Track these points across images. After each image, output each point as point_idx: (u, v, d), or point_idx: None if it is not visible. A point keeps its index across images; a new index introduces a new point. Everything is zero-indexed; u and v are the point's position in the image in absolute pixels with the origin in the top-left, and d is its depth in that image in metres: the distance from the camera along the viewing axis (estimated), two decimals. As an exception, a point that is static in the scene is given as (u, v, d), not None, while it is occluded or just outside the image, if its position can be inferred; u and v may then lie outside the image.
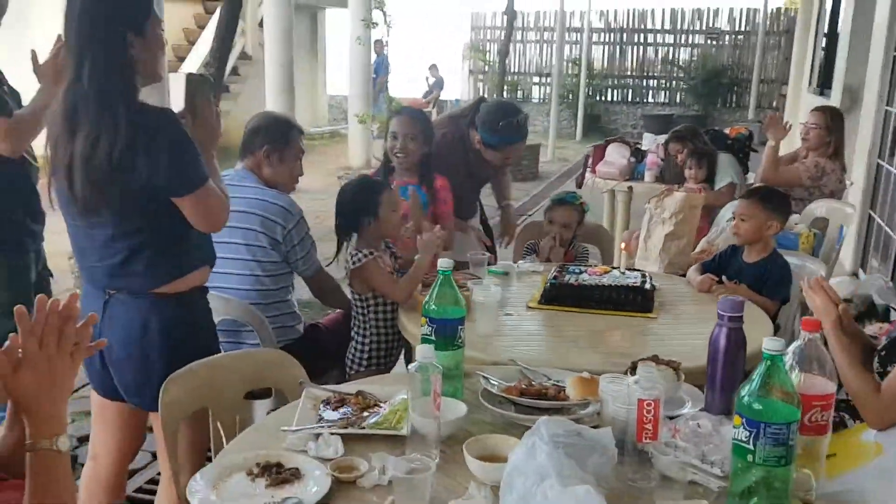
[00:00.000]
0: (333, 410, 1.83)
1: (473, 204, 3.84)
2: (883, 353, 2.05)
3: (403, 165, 3.24)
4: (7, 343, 1.29)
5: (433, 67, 15.59)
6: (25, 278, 2.88)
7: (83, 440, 3.04)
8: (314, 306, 4.68)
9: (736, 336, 1.73)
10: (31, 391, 1.29)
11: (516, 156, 3.55)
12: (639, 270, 2.89)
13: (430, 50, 17.14)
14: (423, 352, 1.66)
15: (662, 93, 15.87)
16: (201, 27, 11.35)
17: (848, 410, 2.14)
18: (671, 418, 1.70)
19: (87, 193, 1.92)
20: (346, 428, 1.73)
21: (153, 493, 2.68)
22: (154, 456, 3.07)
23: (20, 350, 1.29)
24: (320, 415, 1.81)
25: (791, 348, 1.50)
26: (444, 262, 1.88)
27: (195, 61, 9.94)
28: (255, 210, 2.72)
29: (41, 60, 2.65)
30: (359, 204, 2.75)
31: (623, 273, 2.78)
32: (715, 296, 2.70)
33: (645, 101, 15.90)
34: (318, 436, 1.69)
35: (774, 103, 4.79)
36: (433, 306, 1.86)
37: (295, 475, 1.56)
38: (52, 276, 3.14)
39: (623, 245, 3.31)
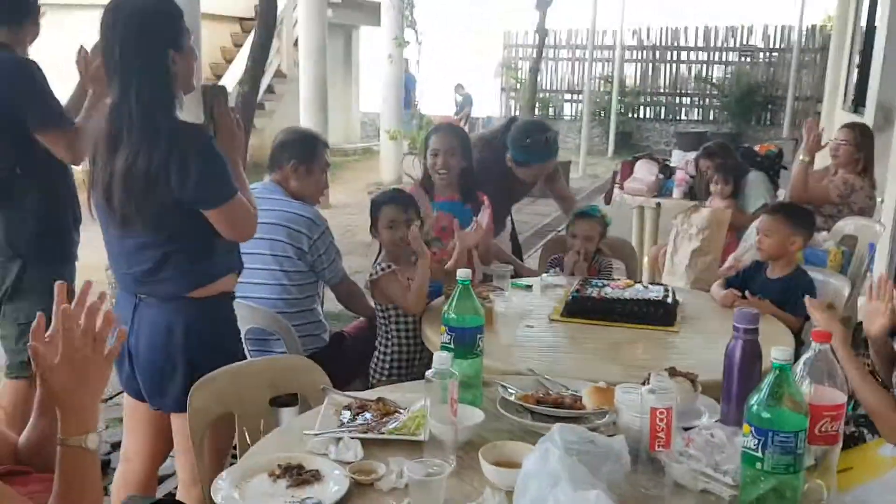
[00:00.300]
0: (354, 416, 1.87)
1: (503, 220, 3.89)
2: (902, 369, 2.05)
3: (445, 181, 3.29)
4: (48, 341, 1.36)
5: (459, 87, 15.70)
6: (70, 287, 2.99)
7: (116, 446, 3.13)
8: (342, 318, 4.75)
9: (751, 348, 1.74)
10: (67, 387, 1.35)
11: (547, 173, 3.60)
12: (662, 285, 2.90)
13: (463, 68, 17.25)
14: (440, 359, 1.70)
15: (695, 110, 15.78)
16: (238, 46, 11.58)
17: (867, 425, 2.14)
18: (686, 429, 1.71)
19: (124, 207, 2.01)
20: (366, 433, 1.77)
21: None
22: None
23: (59, 346, 1.35)
24: (341, 420, 1.86)
25: (802, 359, 1.52)
26: (462, 273, 1.93)
27: (232, 79, 10.13)
28: (282, 222, 2.80)
29: (88, 62, 2.72)
30: (371, 218, 2.85)
31: (646, 287, 2.80)
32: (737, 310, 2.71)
33: (678, 118, 15.82)
34: (338, 440, 1.74)
35: (809, 119, 4.79)
36: (452, 315, 1.90)
37: (315, 476, 1.60)
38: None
39: (649, 260, 3.34)
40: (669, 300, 2.66)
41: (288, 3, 10.91)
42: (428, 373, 1.70)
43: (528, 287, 3.08)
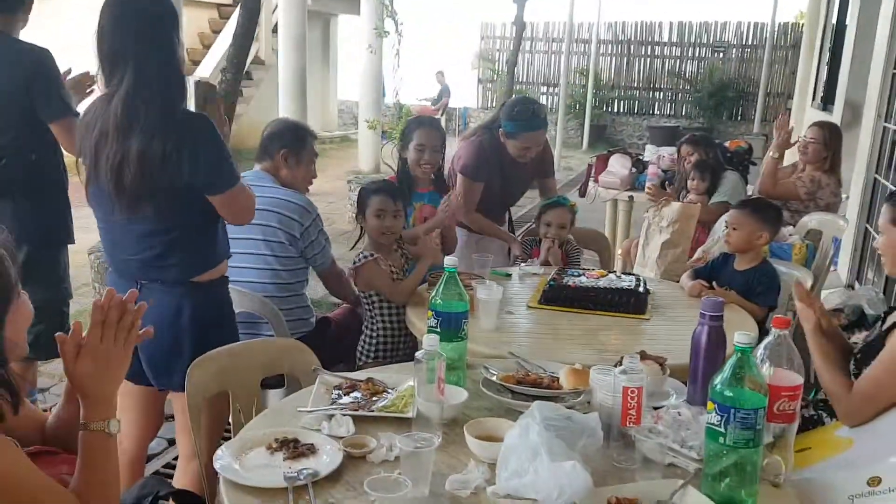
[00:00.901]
0: (345, 395, 1.98)
1: (501, 216, 3.99)
2: (859, 357, 2.20)
3: (428, 175, 3.41)
4: (71, 332, 1.45)
5: (440, 74, 15.77)
6: (67, 272, 3.07)
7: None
8: (322, 304, 4.86)
9: (716, 333, 1.88)
10: (89, 376, 1.45)
11: (536, 145, 3.65)
12: (633, 275, 3.04)
13: (441, 59, 17.30)
14: (428, 341, 1.81)
15: (668, 105, 16.01)
16: (216, 32, 11.55)
17: (825, 409, 2.29)
18: (656, 408, 1.85)
19: (138, 189, 2.08)
20: (357, 410, 1.88)
21: (169, 476, 2.84)
22: (169, 442, 3.24)
23: (83, 338, 1.44)
24: (333, 398, 1.96)
25: (763, 344, 1.65)
26: (449, 261, 2.04)
27: (210, 65, 10.13)
28: (274, 208, 2.89)
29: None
30: (358, 205, 2.96)
31: (619, 277, 2.93)
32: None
33: (651, 112, 16.04)
34: (331, 416, 1.84)
35: (780, 116, 4.94)
36: (439, 301, 2.01)
37: (310, 450, 1.71)
38: None
39: (622, 252, 3.48)
40: (641, 289, 2.79)
41: (267, -11, 10.91)
42: (417, 354, 1.82)
43: (508, 276, 3.20)
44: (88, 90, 2.95)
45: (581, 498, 1.48)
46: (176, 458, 3.13)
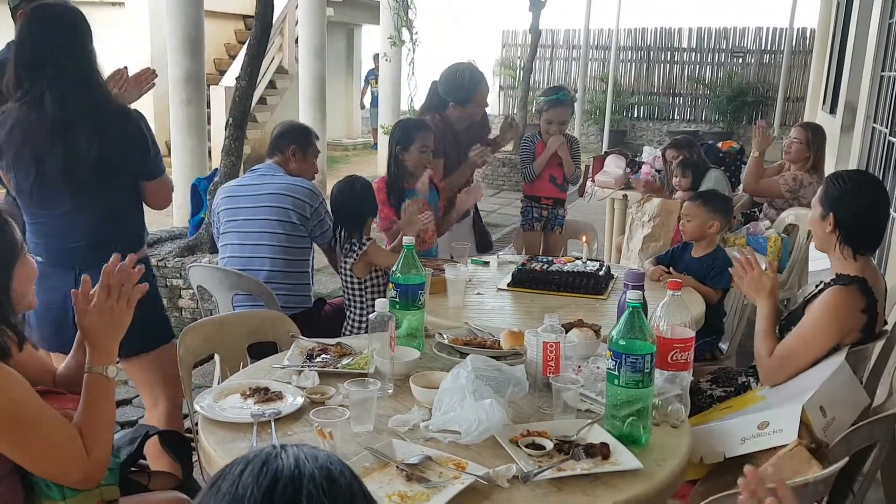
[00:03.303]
0: (316, 356, 2.27)
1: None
2: (783, 323, 2.45)
3: (421, 172, 3.69)
4: (82, 289, 1.75)
5: None
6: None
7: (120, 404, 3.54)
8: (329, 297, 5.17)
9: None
10: (96, 327, 1.75)
11: (484, 100, 3.97)
12: (599, 261, 3.29)
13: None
14: (380, 304, 2.10)
15: (688, 110, 16.13)
16: (242, 42, 11.98)
17: (754, 374, 2.53)
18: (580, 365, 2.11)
19: (85, 178, 2.36)
20: (324, 367, 2.17)
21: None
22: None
23: (93, 295, 1.75)
24: (305, 358, 2.25)
25: (661, 304, 1.91)
26: (406, 240, 2.33)
27: (234, 75, 10.53)
28: (288, 192, 3.28)
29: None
30: (366, 204, 3.23)
31: (584, 263, 3.19)
32: (663, 284, 3.10)
33: (671, 117, 16.18)
34: (300, 372, 2.14)
35: (760, 119, 5.12)
36: (399, 274, 2.30)
37: (278, 396, 2.00)
38: None
39: (615, 247, 3.75)
40: (602, 273, 3.05)
41: (290, 1, 11.31)
42: (371, 316, 2.10)
43: (486, 263, 3.48)
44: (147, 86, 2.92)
45: (497, 430, 1.75)
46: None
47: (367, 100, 14.82)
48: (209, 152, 7.35)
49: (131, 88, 2.80)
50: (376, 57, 14.71)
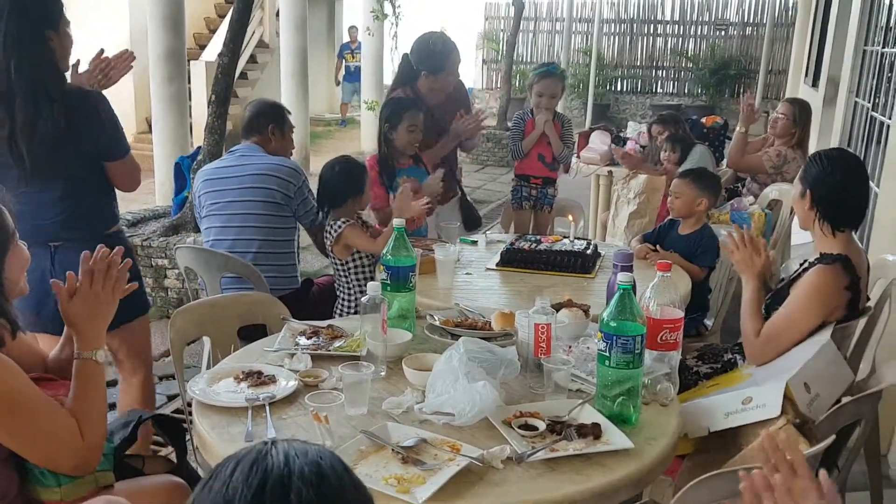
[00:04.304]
0: (308, 339, 2.28)
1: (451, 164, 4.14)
2: (768, 302, 2.48)
3: (410, 150, 3.65)
4: (67, 279, 1.75)
5: None
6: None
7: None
8: (315, 276, 5.17)
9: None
10: (81, 315, 1.75)
11: (456, 69, 3.91)
12: (586, 239, 3.31)
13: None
14: (372, 287, 2.11)
15: (671, 83, 16.12)
16: (221, 16, 11.81)
17: (740, 352, 2.57)
18: (570, 346, 2.14)
19: (36, 157, 2.38)
20: (316, 350, 2.18)
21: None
22: (169, 398, 3.58)
23: (78, 283, 1.74)
24: (297, 341, 2.26)
25: (650, 286, 1.93)
26: (397, 222, 2.33)
27: (215, 50, 10.39)
28: (271, 172, 3.27)
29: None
30: (350, 183, 3.18)
31: (572, 242, 3.21)
32: (650, 262, 3.13)
33: (654, 91, 16.17)
34: (292, 355, 2.15)
35: (747, 93, 5.13)
36: (389, 257, 2.30)
37: (272, 380, 2.01)
38: None
39: (600, 223, 3.77)
40: (589, 252, 3.07)
41: (270, -26, 11.16)
42: (363, 299, 2.11)
43: (474, 242, 3.49)
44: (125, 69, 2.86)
45: (490, 411, 1.77)
46: (174, 411, 3.48)
47: (342, 76, 14.55)
48: (190, 128, 7.28)
49: (112, 72, 2.77)
50: (351, 30, 14.56)
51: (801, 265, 2.51)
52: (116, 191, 2.68)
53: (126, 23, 10.41)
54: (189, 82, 7.83)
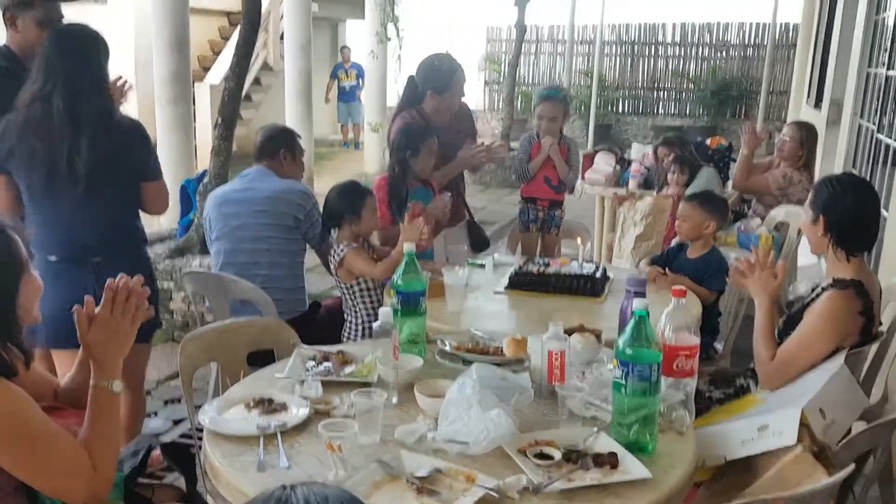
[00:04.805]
0: (318, 365, 2.26)
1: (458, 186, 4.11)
2: (781, 327, 2.46)
3: (428, 175, 3.67)
4: (85, 306, 1.73)
5: None
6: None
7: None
8: (321, 297, 5.17)
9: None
10: (99, 344, 1.73)
11: (461, 89, 3.91)
12: (595, 263, 3.29)
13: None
14: (384, 314, 2.10)
15: (673, 104, 16.17)
16: (225, 39, 11.90)
17: (754, 378, 2.55)
18: (584, 372, 2.12)
19: (90, 177, 2.57)
20: (326, 376, 2.17)
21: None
22: (175, 422, 3.55)
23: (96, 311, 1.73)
24: (307, 367, 2.24)
25: (665, 312, 1.92)
26: (408, 247, 2.32)
27: (219, 72, 10.47)
28: (282, 196, 3.31)
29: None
30: (345, 205, 3.17)
31: (581, 265, 3.19)
32: (659, 285, 3.12)
33: (655, 112, 16.22)
34: (303, 381, 2.13)
35: (748, 121, 5.16)
36: (400, 282, 2.29)
37: (283, 407, 1.99)
38: None
39: (606, 246, 3.77)
40: (598, 275, 3.06)
41: (274, -3, 11.24)
42: (374, 325, 2.10)
43: (482, 266, 3.47)
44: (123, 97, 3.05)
45: (505, 440, 1.75)
46: (181, 436, 3.45)
47: (333, 95, 14.46)
48: (195, 151, 7.30)
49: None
50: (344, 50, 14.59)
51: (813, 290, 2.50)
52: None
53: (131, 45, 10.47)
54: (193, 104, 7.86)
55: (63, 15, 3.17)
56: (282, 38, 10.61)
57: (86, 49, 2.65)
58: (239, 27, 5.28)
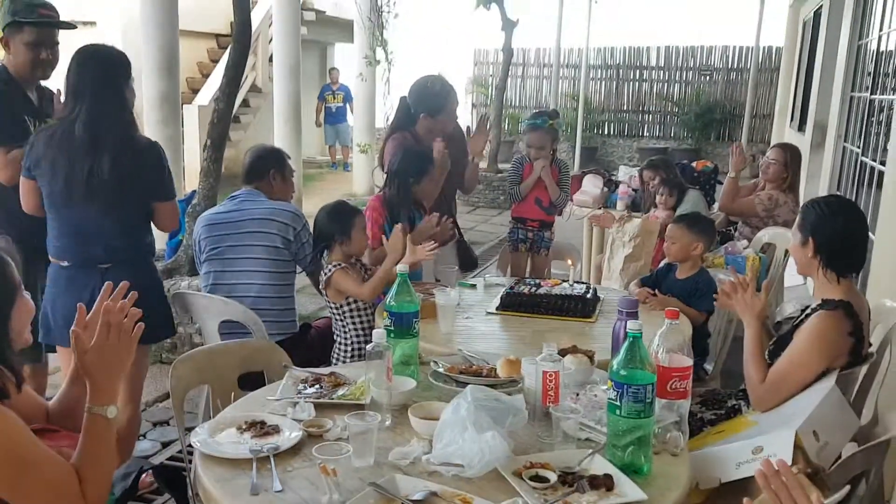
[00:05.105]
0: (310, 387, 2.25)
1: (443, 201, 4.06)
2: (772, 348, 2.47)
3: (430, 201, 3.69)
4: (85, 328, 1.71)
5: None
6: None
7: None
8: (311, 318, 5.14)
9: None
10: (96, 367, 1.71)
11: (454, 111, 3.98)
12: (586, 283, 3.30)
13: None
14: (377, 335, 2.09)
15: (657, 127, 16.32)
16: (214, 61, 11.92)
17: (744, 398, 2.56)
18: (577, 393, 2.12)
19: (108, 192, 2.74)
20: (319, 398, 2.15)
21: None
22: (163, 445, 3.51)
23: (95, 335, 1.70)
24: (299, 389, 2.23)
25: (658, 333, 1.92)
26: (400, 267, 2.32)
27: (208, 94, 10.48)
28: (272, 217, 3.29)
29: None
30: (335, 226, 3.16)
31: (572, 286, 3.20)
32: (649, 306, 3.13)
33: (641, 134, 16.36)
34: (295, 404, 2.11)
35: (735, 144, 5.21)
36: (393, 303, 2.29)
37: (275, 430, 1.97)
38: None
39: (594, 267, 3.79)
40: (589, 296, 3.06)
41: (263, 19, 11.27)
42: (368, 346, 2.09)
43: (473, 286, 3.48)
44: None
45: (500, 462, 1.75)
46: (169, 458, 3.42)
47: (322, 117, 14.46)
48: (183, 172, 7.28)
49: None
50: (332, 71, 14.63)
51: (802, 311, 2.51)
52: None
53: (119, 67, 10.45)
54: (182, 126, 7.85)
55: (58, 40, 3.17)
56: (271, 60, 10.65)
57: (109, 72, 2.80)
58: (228, 49, 5.30)
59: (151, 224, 2.98)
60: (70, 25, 3.27)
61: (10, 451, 1.52)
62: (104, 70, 2.79)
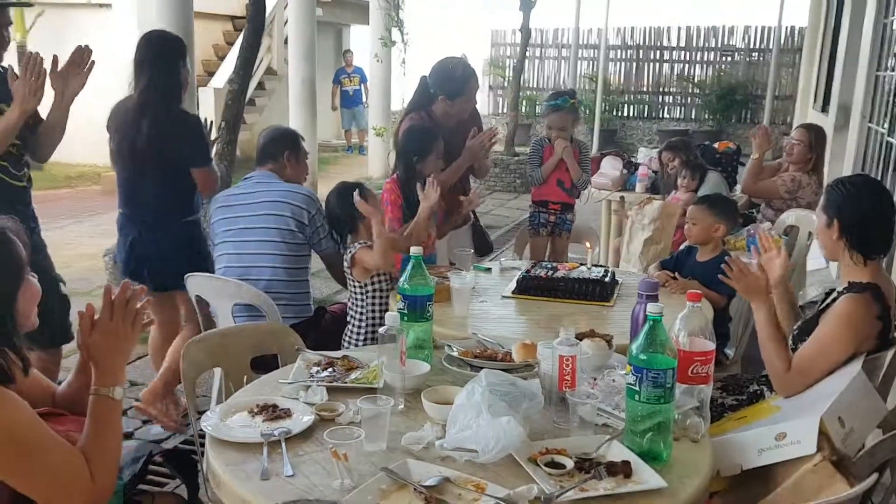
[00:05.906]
0: (323, 370, 2.22)
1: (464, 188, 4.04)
2: (796, 332, 2.41)
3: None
4: (86, 310, 1.70)
5: None
6: None
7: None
8: (326, 303, 5.12)
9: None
10: (100, 350, 1.70)
11: (473, 96, 3.91)
12: (604, 266, 3.24)
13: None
14: (391, 318, 2.05)
15: (678, 108, 16.14)
16: (230, 43, 11.88)
17: (766, 383, 2.50)
18: (595, 378, 2.07)
19: (155, 155, 3.23)
20: (331, 382, 2.12)
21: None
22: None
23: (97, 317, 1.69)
24: (311, 373, 2.20)
25: (679, 316, 1.87)
26: (415, 250, 2.27)
27: (223, 77, 10.45)
28: (286, 200, 3.27)
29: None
30: (349, 206, 3.11)
31: (589, 269, 3.15)
32: (669, 290, 3.07)
33: (661, 116, 16.19)
34: (308, 387, 2.08)
35: (759, 124, 5.09)
36: (406, 286, 2.24)
37: (287, 413, 1.94)
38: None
39: (612, 250, 3.72)
40: (607, 279, 3.01)
41: (279, 2, 11.21)
42: (381, 329, 2.05)
43: (488, 270, 3.43)
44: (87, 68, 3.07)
45: (515, 448, 1.70)
46: (181, 442, 3.41)
47: (339, 101, 14.33)
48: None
49: (75, 79, 2.93)
50: (346, 54, 14.52)
51: (828, 294, 2.44)
52: None
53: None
54: (198, 109, 7.83)
55: (11, 21, 3.11)
56: (286, 42, 10.60)
57: (164, 51, 3.29)
58: (243, 32, 5.26)
59: (193, 189, 3.36)
60: (26, 4, 3.52)
61: (12, 434, 1.50)
62: (160, 49, 3.27)
